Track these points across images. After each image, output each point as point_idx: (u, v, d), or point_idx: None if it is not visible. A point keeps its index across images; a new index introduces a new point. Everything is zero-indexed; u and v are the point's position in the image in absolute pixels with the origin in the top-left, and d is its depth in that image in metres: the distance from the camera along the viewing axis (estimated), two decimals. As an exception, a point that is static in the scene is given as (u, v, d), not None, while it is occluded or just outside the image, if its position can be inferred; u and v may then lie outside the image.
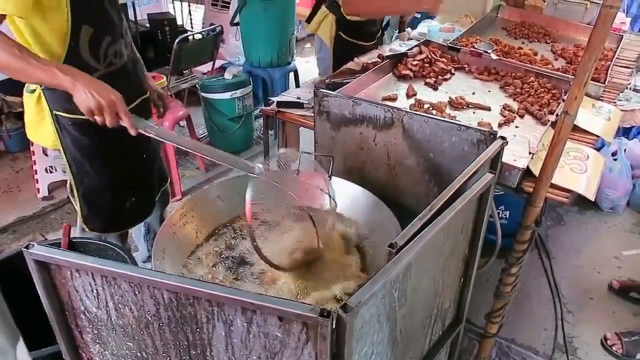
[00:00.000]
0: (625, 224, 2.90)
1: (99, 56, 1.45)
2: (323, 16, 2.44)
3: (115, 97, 1.30)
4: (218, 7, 4.27)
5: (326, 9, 2.43)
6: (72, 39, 1.37)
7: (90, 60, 1.43)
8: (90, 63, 1.44)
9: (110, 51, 1.48)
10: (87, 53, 1.42)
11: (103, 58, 1.47)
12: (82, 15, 1.37)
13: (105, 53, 1.47)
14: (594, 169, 1.60)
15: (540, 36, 2.74)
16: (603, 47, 2.51)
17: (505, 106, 1.92)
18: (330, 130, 1.63)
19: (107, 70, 1.49)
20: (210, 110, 3.31)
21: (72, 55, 1.39)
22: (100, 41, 1.44)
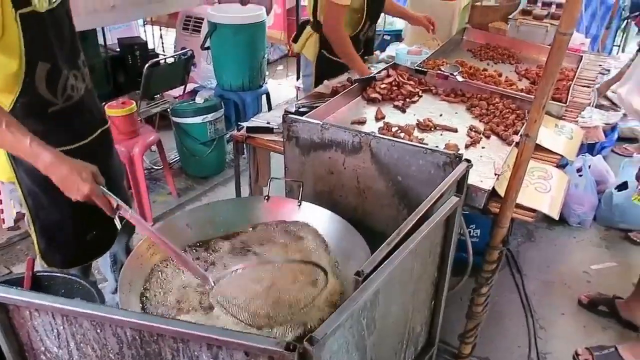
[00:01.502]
0: (593, 238, 2.97)
1: (56, 91, 1.42)
2: (308, 35, 2.52)
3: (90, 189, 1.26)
4: (189, 31, 4.27)
5: (311, 29, 2.50)
6: (27, 75, 1.33)
7: (47, 95, 1.40)
8: (47, 98, 1.40)
9: (68, 85, 1.45)
10: (43, 89, 1.38)
11: (61, 92, 1.43)
12: (38, 53, 1.34)
13: (64, 87, 1.44)
14: (557, 188, 1.64)
15: (505, 57, 2.82)
16: (564, 68, 2.62)
17: (472, 127, 1.96)
18: (300, 155, 1.63)
19: (66, 104, 1.45)
20: (182, 135, 3.29)
21: (28, 91, 1.35)
22: (57, 76, 1.41)
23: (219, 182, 3.40)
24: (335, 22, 2.30)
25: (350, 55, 2.35)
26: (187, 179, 3.44)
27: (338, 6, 2.25)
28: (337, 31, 2.33)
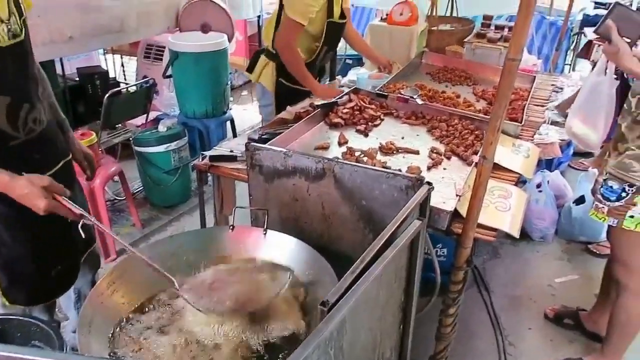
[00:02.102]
0: (555, 251, 3.05)
1: (17, 125, 1.39)
2: (264, 64, 2.53)
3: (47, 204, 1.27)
4: (150, 60, 4.25)
5: (266, 58, 2.51)
6: None
7: (8, 128, 1.37)
8: (8, 131, 1.38)
9: (30, 118, 1.43)
10: (4, 122, 1.36)
11: (22, 126, 1.41)
12: None
13: (25, 121, 1.41)
14: (517, 206, 1.69)
15: (462, 79, 2.90)
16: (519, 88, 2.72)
17: (433, 149, 2.00)
18: (264, 183, 1.63)
19: (27, 137, 1.43)
20: (145, 164, 3.23)
21: None
22: (18, 110, 1.39)
23: (185, 211, 3.35)
24: (289, 38, 2.36)
25: (302, 72, 2.42)
26: (151, 209, 3.37)
27: (295, 23, 2.30)
28: (289, 47, 2.39)
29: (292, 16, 2.30)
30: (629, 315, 1.99)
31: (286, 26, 2.34)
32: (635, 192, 1.74)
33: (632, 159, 1.73)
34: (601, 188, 1.85)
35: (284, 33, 2.37)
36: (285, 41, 2.38)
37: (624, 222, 1.78)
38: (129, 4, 3.16)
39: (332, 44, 2.59)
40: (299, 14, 2.30)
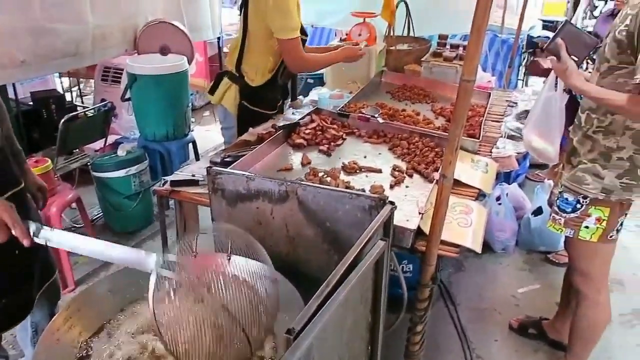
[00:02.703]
0: (517, 262, 3.12)
1: None
2: (226, 87, 2.52)
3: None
4: (108, 82, 4.16)
5: (229, 80, 2.49)
6: None
7: None
8: None
9: None
10: None
11: None
12: None
13: None
14: (478, 221, 1.72)
15: (421, 97, 2.96)
16: (475, 105, 2.80)
17: (395, 167, 2.03)
18: (227, 207, 1.61)
19: None
20: (104, 190, 3.15)
21: None
22: None
23: (147, 237, 3.27)
24: (299, 56, 2.38)
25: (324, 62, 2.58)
26: (112, 236, 3.27)
27: (293, 40, 2.32)
28: (305, 61, 2.44)
29: (289, 36, 2.30)
30: (589, 322, 2.05)
31: (290, 48, 2.34)
32: (589, 203, 1.80)
33: (584, 172, 1.80)
34: (557, 200, 1.91)
35: (293, 54, 2.36)
36: (300, 61, 2.41)
37: (580, 232, 1.85)
38: (84, 27, 3.09)
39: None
40: (293, 31, 2.30)
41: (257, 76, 2.44)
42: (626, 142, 1.71)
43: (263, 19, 2.29)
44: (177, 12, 3.89)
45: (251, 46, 2.40)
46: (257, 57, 2.41)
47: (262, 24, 2.31)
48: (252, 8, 2.32)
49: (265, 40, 2.35)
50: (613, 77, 1.67)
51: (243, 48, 2.42)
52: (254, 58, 2.42)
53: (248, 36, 2.39)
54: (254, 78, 2.44)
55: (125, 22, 3.41)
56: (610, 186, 1.75)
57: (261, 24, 2.31)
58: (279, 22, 2.27)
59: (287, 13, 2.25)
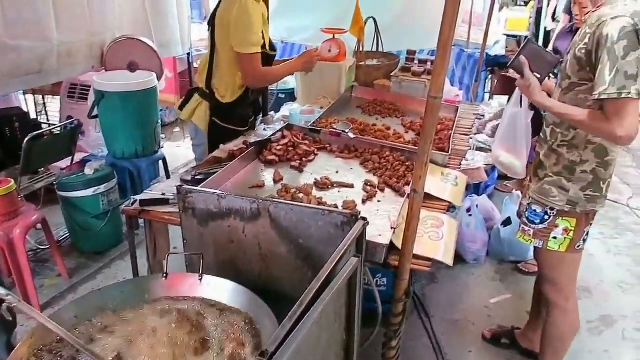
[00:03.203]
0: (489, 272, 3.17)
1: None
2: (197, 103, 2.50)
3: None
4: (75, 99, 4.07)
5: (199, 97, 2.48)
6: None
7: None
8: None
9: None
10: None
11: None
12: None
13: None
14: (449, 234, 1.74)
15: (391, 112, 3.01)
16: (444, 118, 2.85)
17: (367, 182, 2.04)
18: (198, 226, 1.58)
19: None
20: (71, 210, 3.06)
21: None
22: None
23: (117, 256, 3.19)
24: (256, 72, 2.36)
25: (280, 74, 2.56)
26: (79, 257, 3.18)
27: (252, 55, 2.31)
28: (263, 76, 2.43)
29: (248, 50, 2.29)
30: (559, 330, 2.09)
31: (248, 63, 2.33)
32: (556, 215, 1.85)
33: (550, 185, 1.84)
34: (526, 212, 1.96)
35: (251, 70, 2.35)
36: (255, 75, 2.39)
37: (549, 243, 1.89)
38: (49, 44, 3.03)
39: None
40: (253, 46, 2.30)
41: (227, 93, 2.43)
42: (589, 156, 1.76)
43: (228, 35, 2.30)
44: (145, 28, 3.85)
45: (220, 63, 2.39)
46: (226, 74, 2.40)
47: (228, 40, 2.31)
48: (218, 24, 2.33)
49: (233, 57, 2.34)
50: (574, 93, 1.73)
51: (212, 65, 2.42)
52: (223, 75, 2.41)
53: (216, 53, 2.39)
54: (224, 95, 2.43)
55: (92, 39, 3.36)
56: (575, 198, 1.81)
57: (227, 41, 2.31)
58: (240, 36, 2.27)
59: (247, 27, 2.25)
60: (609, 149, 1.75)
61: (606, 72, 1.53)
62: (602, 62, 1.54)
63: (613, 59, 1.51)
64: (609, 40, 1.52)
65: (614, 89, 1.51)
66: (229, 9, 2.25)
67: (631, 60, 1.51)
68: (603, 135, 1.66)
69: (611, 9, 1.59)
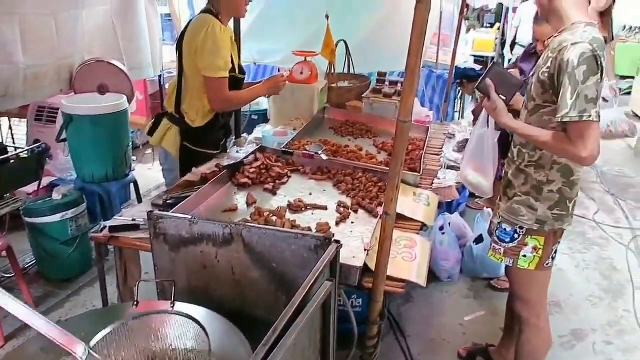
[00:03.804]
0: (462, 290, 3.20)
1: None
2: (166, 128, 2.47)
3: None
4: (43, 122, 3.99)
5: (169, 122, 2.45)
6: None
7: None
8: None
9: None
10: None
11: None
12: None
13: None
14: (422, 255, 1.76)
15: (363, 132, 3.04)
16: (415, 139, 2.89)
17: (340, 203, 2.05)
18: (170, 252, 1.56)
19: None
20: (38, 236, 2.97)
21: None
22: None
23: (86, 283, 3.09)
24: (222, 96, 2.35)
25: (246, 99, 2.56)
26: (46, 285, 3.08)
27: (220, 79, 2.30)
28: (228, 101, 2.42)
29: (215, 75, 2.28)
30: (532, 347, 2.12)
31: (214, 87, 2.32)
32: (526, 233, 1.89)
33: (519, 204, 1.89)
34: (496, 231, 1.99)
35: (216, 94, 2.34)
36: (221, 100, 2.37)
37: (519, 261, 1.92)
38: (14, 67, 2.97)
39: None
40: (220, 70, 2.29)
41: (197, 117, 2.42)
42: (555, 176, 1.82)
43: (196, 59, 2.29)
44: (116, 50, 3.82)
45: (189, 87, 2.38)
46: (196, 99, 2.39)
47: (196, 64, 2.30)
48: (186, 49, 2.32)
49: (202, 81, 2.33)
50: (539, 115, 1.78)
51: (181, 89, 2.40)
52: (193, 99, 2.39)
53: (185, 77, 2.37)
54: (194, 119, 2.42)
55: (60, 62, 3.31)
56: (543, 217, 1.85)
57: (196, 65, 2.30)
58: (206, 61, 2.26)
59: (215, 52, 2.25)
60: (574, 169, 1.81)
61: (568, 96, 1.58)
62: (564, 86, 1.60)
63: (574, 84, 1.57)
64: (570, 65, 1.58)
65: (576, 112, 1.57)
66: (197, 34, 2.25)
67: (591, 84, 1.57)
68: (567, 156, 1.72)
69: (571, 34, 1.66)
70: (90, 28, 3.54)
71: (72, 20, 3.34)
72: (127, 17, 3.88)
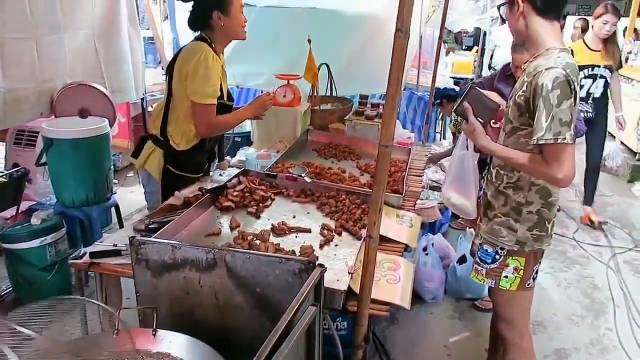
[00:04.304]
0: (447, 311, 3.20)
1: None
2: (150, 151, 2.46)
3: None
4: (22, 146, 3.94)
5: (153, 144, 2.45)
6: None
7: None
8: None
9: None
10: None
11: None
12: None
13: None
14: (406, 277, 1.77)
15: (346, 154, 3.07)
16: (397, 160, 2.93)
17: (324, 226, 2.05)
18: (152, 278, 1.54)
19: None
20: (15, 262, 2.90)
21: None
22: None
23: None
24: (209, 121, 2.36)
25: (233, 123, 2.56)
26: (23, 312, 2.99)
27: (207, 106, 2.31)
28: (214, 126, 2.42)
29: (203, 101, 2.29)
30: (516, 368, 2.12)
31: (201, 113, 2.32)
32: (507, 254, 1.91)
33: (499, 225, 1.91)
34: (478, 252, 2.01)
35: (203, 120, 2.34)
36: (207, 125, 2.37)
37: (500, 282, 1.94)
38: (-7, 90, 2.95)
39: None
40: (208, 96, 2.30)
41: (182, 141, 2.42)
42: (533, 197, 1.85)
43: (183, 83, 2.30)
44: (98, 74, 3.81)
45: (176, 111, 2.39)
46: (182, 122, 2.39)
47: (185, 89, 2.31)
48: (176, 73, 2.33)
49: (189, 106, 2.34)
50: (516, 137, 1.83)
51: (167, 112, 2.41)
52: (179, 123, 2.40)
53: (172, 101, 2.38)
54: (179, 142, 2.41)
55: (41, 86, 3.28)
56: (523, 238, 1.88)
57: (184, 89, 2.31)
58: (196, 86, 2.27)
59: (204, 79, 2.26)
60: (551, 191, 1.85)
61: (543, 119, 1.63)
62: (539, 109, 1.65)
63: (548, 107, 1.62)
64: (544, 89, 1.63)
65: (551, 134, 1.62)
66: (189, 60, 2.27)
67: (565, 108, 1.62)
68: (544, 178, 1.76)
69: (545, 60, 1.71)
70: (72, 51, 3.53)
71: (54, 44, 3.33)
72: (110, 41, 3.88)
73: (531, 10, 1.76)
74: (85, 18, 3.64)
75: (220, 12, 2.31)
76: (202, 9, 2.35)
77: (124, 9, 4.02)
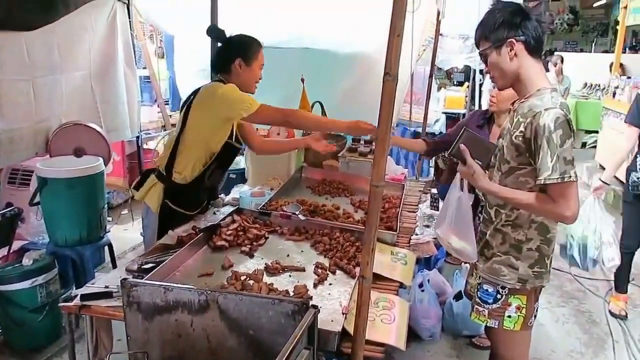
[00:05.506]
0: (444, 349, 3.15)
1: None
2: (151, 184, 2.49)
3: None
4: (16, 185, 3.93)
5: (155, 178, 2.48)
6: None
7: None
8: None
9: None
10: None
11: None
12: None
13: None
14: (401, 317, 1.75)
15: (340, 191, 3.07)
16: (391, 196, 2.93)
17: (318, 264, 2.04)
18: (144, 321, 1.52)
19: None
20: (5, 304, 2.85)
21: None
22: None
23: (54, 354, 2.95)
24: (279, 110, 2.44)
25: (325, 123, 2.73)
26: (11, 355, 2.93)
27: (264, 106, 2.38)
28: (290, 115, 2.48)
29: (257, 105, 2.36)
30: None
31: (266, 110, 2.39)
32: (508, 293, 1.90)
33: (500, 264, 1.91)
34: (477, 292, 1.99)
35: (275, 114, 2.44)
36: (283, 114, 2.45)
37: (504, 322, 1.92)
38: (-12, 130, 2.97)
39: (224, 164, 2.64)
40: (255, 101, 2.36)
41: (186, 169, 2.44)
42: (533, 234, 1.86)
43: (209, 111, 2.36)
44: (94, 113, 3.86)
45: (187, 140, 2.42)
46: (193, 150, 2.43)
47: (206, 115, 2.37)
48: (196, 105, 2.39)
49: (204, 135, 2.40)
50: (515, 177, 1.84)
51: (177, 144, 2.45)
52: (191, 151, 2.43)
53: (185, 131, 2.42)
54: (182, 171, 2.44)
55: (36, 126, 3.31)
56: (525, 275, 1.88)
57: (206, 116, 2.37)
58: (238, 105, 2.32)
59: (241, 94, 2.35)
60: (549, 227, 1.86)
61: (548, 159, 1.65)
62: (542, 150, 1.67)
63: (553, 147, 1.65)
64: (546, 130, 1.66)
65: (557, 174, 1.64)
66: (213, 92, 2.36)
67: (567, 147, 1.66)
68: (551, 216, 1.77)
69: (539, 100, 1.74)
70: (69, 92, 3.58)
71: (50, 85, 3.38)
72: (106, 81, 3.95)
73: (523, 49, 1.78)
74: (82, 59, 3.72)
75: (243, 61, 2.44)
76: (228, 53, 2.47)
77: (121, 49, 4.10)
